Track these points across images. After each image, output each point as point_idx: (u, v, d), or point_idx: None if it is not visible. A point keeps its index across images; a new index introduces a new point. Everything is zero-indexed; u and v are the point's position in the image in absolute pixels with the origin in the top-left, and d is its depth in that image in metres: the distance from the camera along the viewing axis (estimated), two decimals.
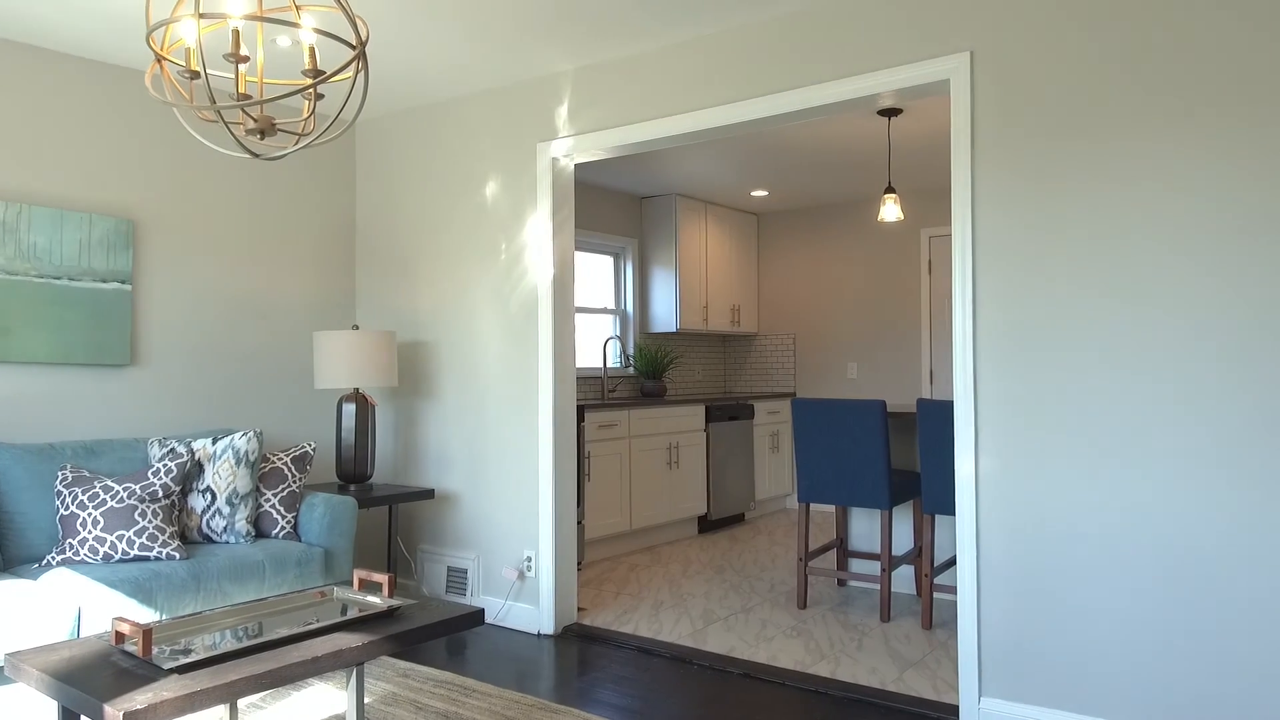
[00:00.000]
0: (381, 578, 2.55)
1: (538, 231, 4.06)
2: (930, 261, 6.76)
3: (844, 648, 3.74)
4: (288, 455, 3.70)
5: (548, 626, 3.99)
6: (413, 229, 4.53)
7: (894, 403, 5.69)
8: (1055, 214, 2.82)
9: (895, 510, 4.67)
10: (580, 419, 5.21)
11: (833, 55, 3.25)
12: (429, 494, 4.18)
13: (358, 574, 2.63)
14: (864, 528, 4.79)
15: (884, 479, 4.12)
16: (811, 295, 7.33)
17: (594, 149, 3.89)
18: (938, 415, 3.95)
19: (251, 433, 3.57)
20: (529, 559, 4.06)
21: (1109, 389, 2.73)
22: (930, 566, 4.03)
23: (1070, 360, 2.79)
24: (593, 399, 6.19)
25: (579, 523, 5.13)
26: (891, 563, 4.16)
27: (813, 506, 7.35)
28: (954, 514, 3.96)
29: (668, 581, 4.90)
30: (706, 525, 6.36)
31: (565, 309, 4.09)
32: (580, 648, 3.80)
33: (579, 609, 4.32)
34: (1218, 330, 2.57)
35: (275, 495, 3.61)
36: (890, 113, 4.63)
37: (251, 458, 3.53)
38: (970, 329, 2.96)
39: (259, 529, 3.59)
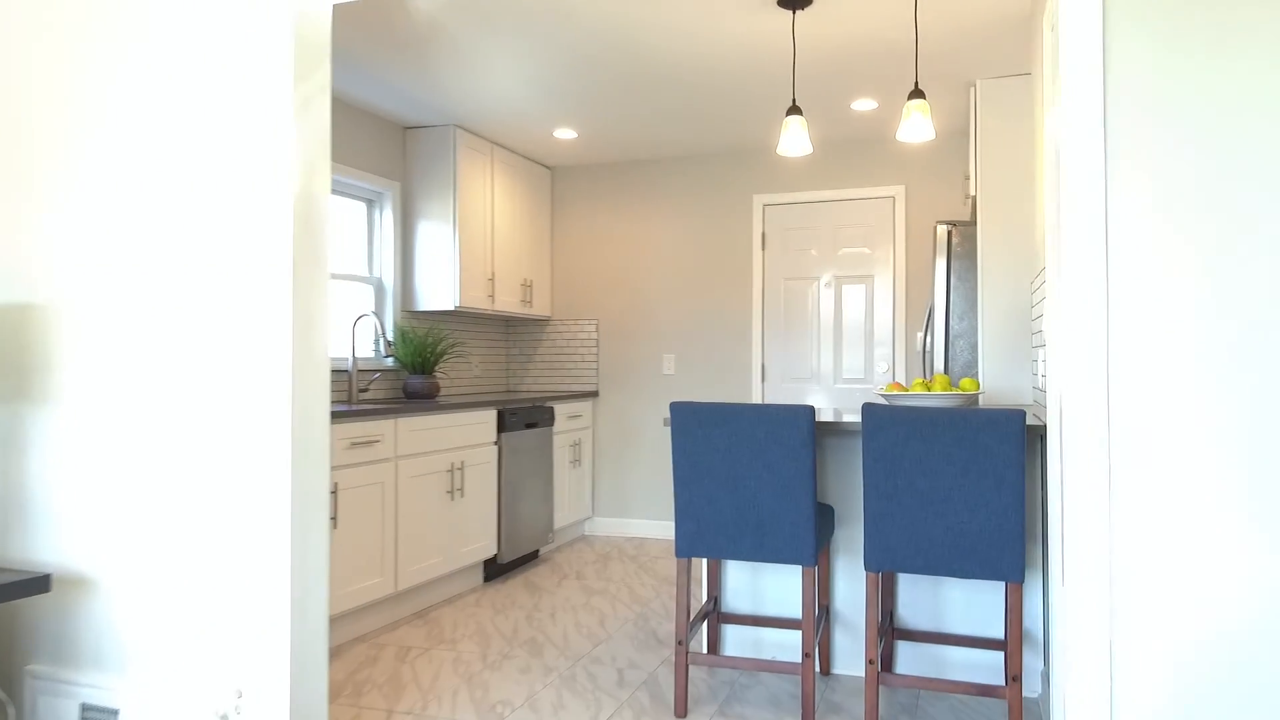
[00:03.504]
0: None
1: (265, 110, 2.27)
2: (764, 235, 5.60)
3: None
4: None
5: None
6: (24, 101, 2.53)
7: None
8: (1261, 75, 1.61)
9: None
10: None
11: None
12: (42, 582, 2.24)
13: None
14: (741, 582, 3.45)
15: (809, 522, 2.79)
16: (617, 273, 5.93)
17: None
18: (896, 427, 2.68)
19: None
20: (240, 694, 2.27)
21: None
22: (879, 649, 2.75)
23: None
24: (338, 404, 4.36)
25: None
26: (813, 639, 2.84)
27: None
28: (914, 572, 2.71)
29: (464, 679, 3.24)
30: (495, 570, 4.75)
31: (314, 254, 2.34)
32: None
33: None
34: None
35: None
36: (795, 4, 3.32)
37: None
38: (1102, 279, 1.68)
39: None
